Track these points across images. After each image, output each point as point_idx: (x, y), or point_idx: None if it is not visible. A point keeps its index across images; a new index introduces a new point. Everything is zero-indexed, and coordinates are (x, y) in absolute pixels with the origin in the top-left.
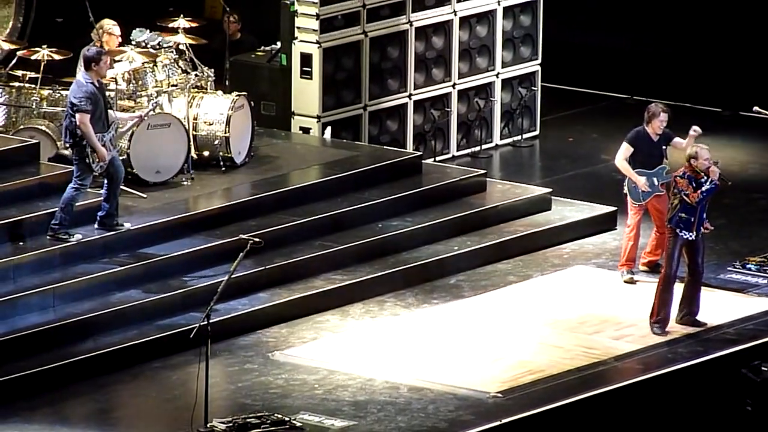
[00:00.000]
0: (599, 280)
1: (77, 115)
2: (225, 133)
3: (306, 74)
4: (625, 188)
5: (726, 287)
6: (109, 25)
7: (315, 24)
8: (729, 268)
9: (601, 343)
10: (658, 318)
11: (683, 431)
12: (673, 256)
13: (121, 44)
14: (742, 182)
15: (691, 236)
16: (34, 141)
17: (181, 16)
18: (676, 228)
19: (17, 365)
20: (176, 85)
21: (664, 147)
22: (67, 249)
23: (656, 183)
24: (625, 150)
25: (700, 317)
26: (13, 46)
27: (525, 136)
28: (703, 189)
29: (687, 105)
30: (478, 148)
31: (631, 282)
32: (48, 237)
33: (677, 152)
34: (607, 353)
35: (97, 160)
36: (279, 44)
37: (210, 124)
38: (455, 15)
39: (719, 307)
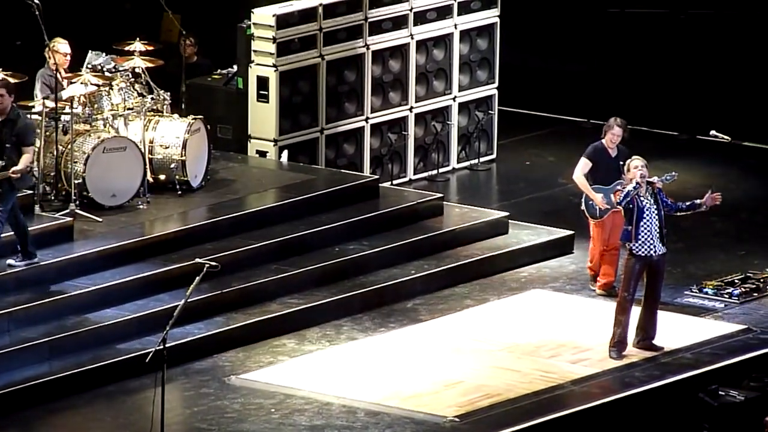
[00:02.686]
0: (557, 303)
1: None
2: (181, 156)
3: (263, 97)
4: (583, 205)
5: (683, 311)
6: (56, 42)
7: (272, 47)
8: (686, 292)
9: (558, 367)
10: (615, 342)
11: None
12: (629, 278)
13: (70, 63)
14: None
15: (641, 252)
16: None
17: (137, 39)
18: (625, 242)
19: None
20: (132, 109)
21: (621, 163)
22: (20, 272)
23: (613, 199)
24: (583, 165)
25: (656, 341)
26: None
27: (482, 159)
28: (626, 189)
29: (644, 129)
30: (435, 172)
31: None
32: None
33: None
34: (564, 377)
35: None
36: (235, 67)
37: (166, 148)
38: (412, 39)
39: (676, 330)
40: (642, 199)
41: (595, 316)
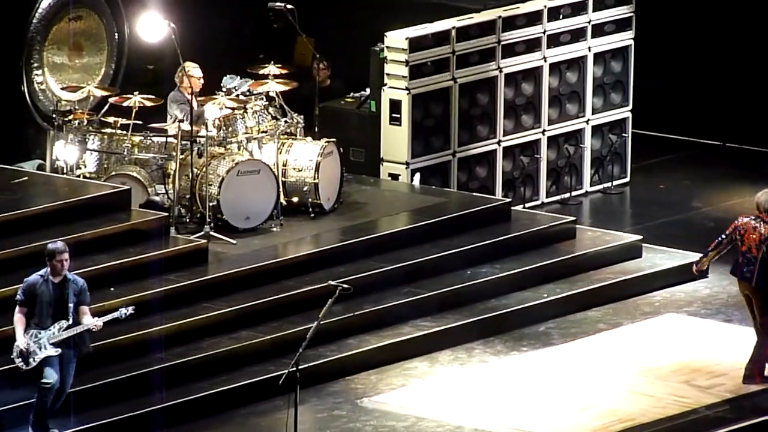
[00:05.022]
0: (691, 328)
1: None
2: (314, 179)
3: (395, 120)
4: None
5: None
6: (189, 67)
7: (404, 70)
8: None
9: (692, 392)
10: (750, 368)
11: None
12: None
13: (203, 87)
14: None
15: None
16: (126, 187)
17: (272, 62)
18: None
19: (100, 412)
20: (266, 132)
21: None
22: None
23: None
24: None
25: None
26: (105, 93)
27: (615, 182)
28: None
29: None
30: (567, 195)
31: None
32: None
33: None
34: (698, 402)
35: (17, 349)
36: (368, 90)
37: (299, 171)
38: (545, 61)
39: None
40: None
41: (730, 341)
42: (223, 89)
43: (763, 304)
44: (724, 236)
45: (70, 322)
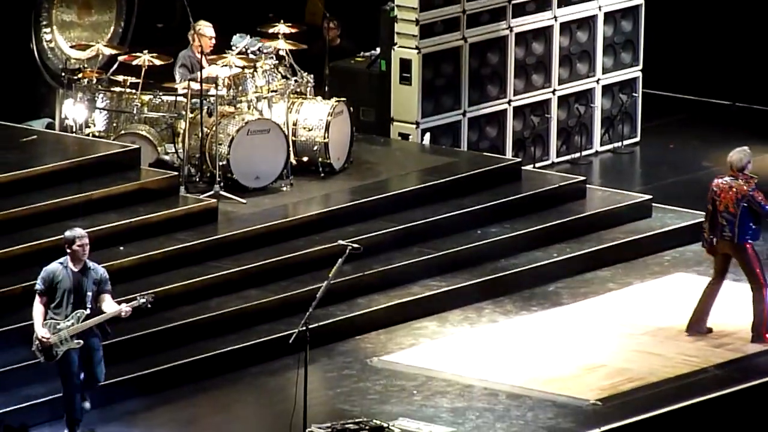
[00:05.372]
0: (700, 287)
1: None
2: (324, 138)
3: (405, 80)
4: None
5: None
6: (202, 25)
7: (414, 30)
8: None
9: (701, 352)
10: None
11: None
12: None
13: (215, 47)
14: None
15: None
16: (135, 146)
17: (281, 21)
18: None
19: (115, 370)
20: (276, 91)
21: None
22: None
23: None
24: None
25: None
26: (114, 51)
27: (625, 142)
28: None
29: None
30: (577, 155)
31: None
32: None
33: None
34: (707, 361)
35: (36, 342)
36: (378, 50)
37: (309, 130)
38: (556, 21)
39: None
40: None
41: (739, 300)
42: (233, 48)
43: (746, 261)
44: (708, 205)
45: (88, 311)
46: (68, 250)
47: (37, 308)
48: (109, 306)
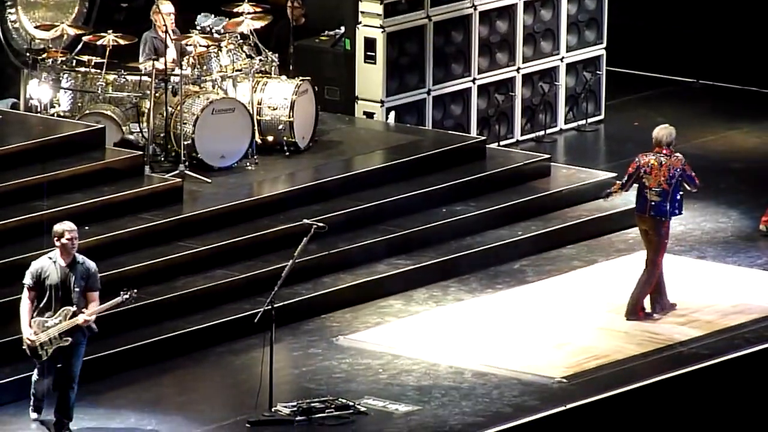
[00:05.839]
0: (664, 265)
1: None
2: (289, 117)
3: (370, 59)
4: None
5: None
6: (160, 2)
7: (379, 8)
8: None
9: (666, 329)
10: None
11: (750, 417)
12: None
13: (180, 25)
14: None
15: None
16: (100, 126)
17: (246, 1)
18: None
19: None
20: (240, 70)
21: None
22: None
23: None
24: None
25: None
26: (78, 32)
27: (590, 120)
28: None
29: (754, 89)
30: (542, 133)
31: None
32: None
33: None
34: (672, 339)
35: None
36: (343, 29)
37: (274, 109)
38: None
39: None
40: None
41: (703, 277)
42: (198, 27)
43: (659, 236)
44: (627, 177)
45: (74, 308)
46: (57, 244)
47: (25, 305)
48: (87, 310)
